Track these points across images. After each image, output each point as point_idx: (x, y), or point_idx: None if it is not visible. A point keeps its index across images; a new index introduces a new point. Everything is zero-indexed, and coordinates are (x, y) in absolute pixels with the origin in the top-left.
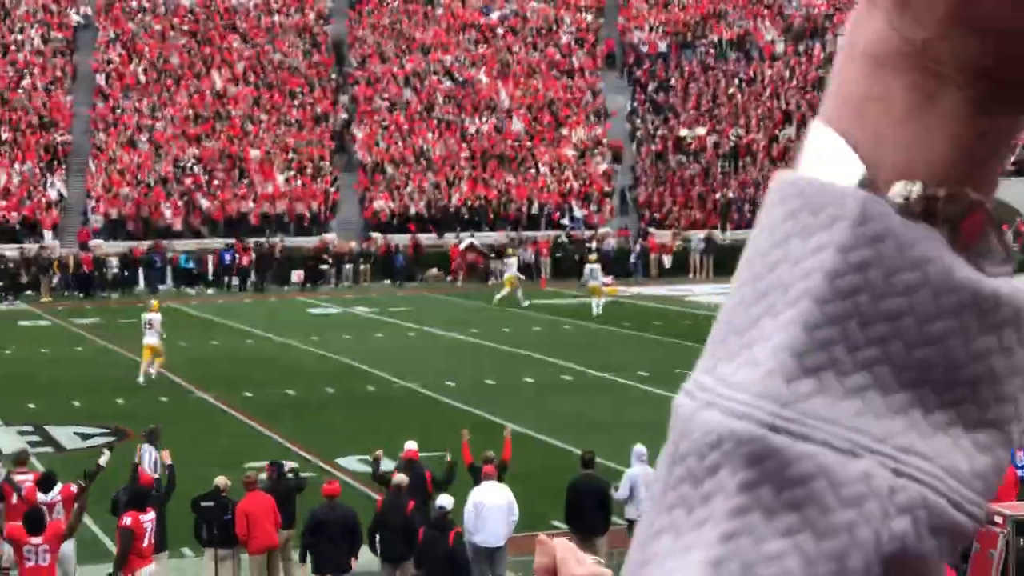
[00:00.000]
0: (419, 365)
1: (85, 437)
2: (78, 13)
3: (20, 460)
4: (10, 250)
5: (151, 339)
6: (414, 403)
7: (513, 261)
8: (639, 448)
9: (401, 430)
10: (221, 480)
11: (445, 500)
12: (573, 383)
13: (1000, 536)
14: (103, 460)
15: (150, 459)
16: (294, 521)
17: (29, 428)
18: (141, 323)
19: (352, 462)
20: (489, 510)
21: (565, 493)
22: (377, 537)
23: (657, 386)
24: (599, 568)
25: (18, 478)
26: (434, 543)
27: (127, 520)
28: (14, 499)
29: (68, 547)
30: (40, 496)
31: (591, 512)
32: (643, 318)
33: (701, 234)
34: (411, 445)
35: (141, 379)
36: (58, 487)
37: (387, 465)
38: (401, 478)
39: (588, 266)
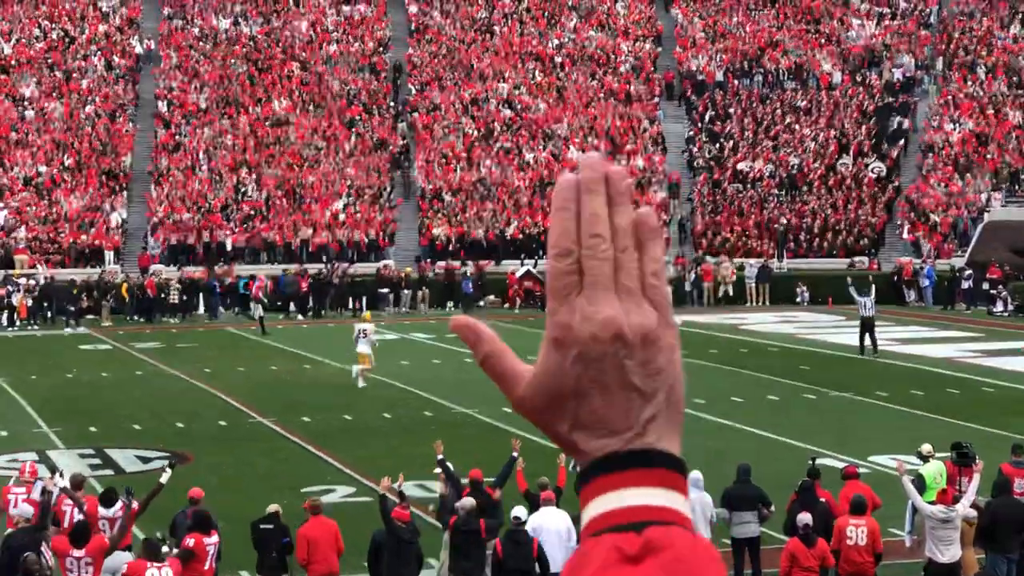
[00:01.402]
0: (476, 391)
1: (145, 460)
2: (141, 41)
3: (76, 483)
4: (73, 275)
5: (363, 348)
6: (471, 429)
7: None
8: (695, 474)
9: (458, 455)
10: (273, 507)
11: (519, 511)
12: None
13: None
14: (164, 478)
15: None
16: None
17: (90, 451)
18: (354, 333)
19: (410, 487)
20: (548, 534)
21: None
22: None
23: (713, 413)
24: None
25: (68, 503)
26: (516, 554)
27: (190, 541)
28: (69, 515)
29: (114, 562)
30: (102, 511)
31: None
32: (699, 346)
33: (754, 262)
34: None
35: (361, 383)
36: (119, 503)
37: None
38: (469, 502)
39: None
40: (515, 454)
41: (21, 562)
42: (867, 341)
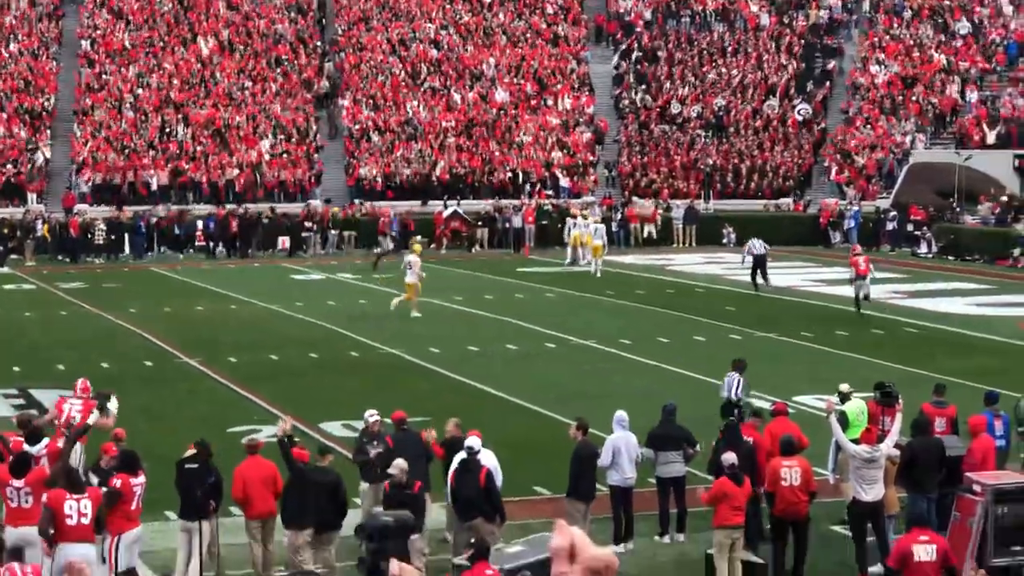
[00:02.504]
0: (403, 331)
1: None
2: None
3: (23, 422)
4: None
5: (410, 278)
6: (398, 369)
7: (601, 228)
8: (620, 414)
9: (385, 395)
10: (190, 449)
11: (473, 440)
12: (556, 350)
13: (979, 505)
14: (92, 419)
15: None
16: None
17: (13, 391)
18: (404, 264)
19: (336, 427)
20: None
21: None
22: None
23: (639, 354)
24: (612, 554)
25: (15, 439)
26: (467, 483)
27: (117, 482)
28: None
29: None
30: (27, 448)
31: (590, 477)
32: (625, 287)
33: (680, 203)
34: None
35: (415, 313)
36: (45, 441)
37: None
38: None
39: (594, 225)
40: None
41: None
42: (759, 279)
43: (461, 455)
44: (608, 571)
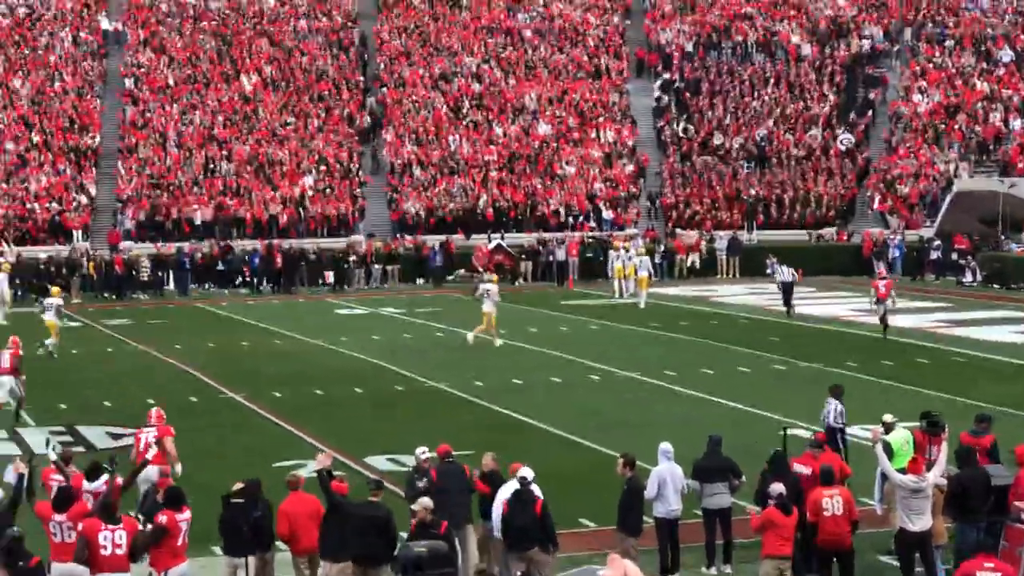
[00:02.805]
0: (447, 365)
1: (116, 437)
2: (108, 17)
3: (66, 458)
4: (42, 252)
5: (488, 307)
6: (443, 402)
7: (646, 260)
8: (665, 446)
9: (429, 428)
10: (238, 485)
11: (526, 471)
12: (600, 382)
13: None
14: (151, 454)
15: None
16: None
17: (60, 428)
18: (480, 292)
19: (381, 461)
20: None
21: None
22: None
23: (683, 385)
24: None
25: (58, 476)
26: (521, 513)
27: (163, 518)
28: (54, 488)
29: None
30: (86, 484)
31: (638, 511)
32: (669, 318)
33: (724, 234)
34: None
35: (498, 342)
36: (104, 477)
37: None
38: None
39: (637, 257)
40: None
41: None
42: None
43: (512, 485)
44: None
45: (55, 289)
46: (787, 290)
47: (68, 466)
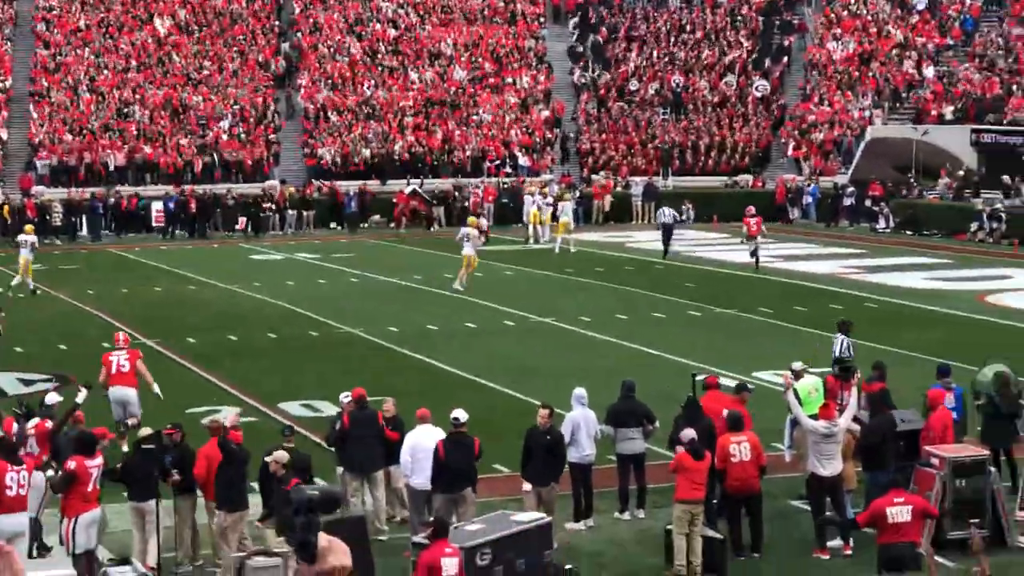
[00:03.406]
0: (360, 311)
1: (27, 383)
2: None
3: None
4: None
5: (468, 250)
6: (357, 348)
7: (569, 207)
8: (579, 391)
9: (344, 375)
10: (148, 430)
11: (459, 412)
12: (514, 328)
13: (937, 477)
14: (80, 398)
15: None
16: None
17: None
18: (461, 236)
19: (295, 407)
20: (426, 453)
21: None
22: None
23: (598, 331)
24: None
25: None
26: (460, 455)
27: (72, 464)
28: None
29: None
30: (15, 428)
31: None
32: (585, 264)
33: (640, 180)
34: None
35: (457, 285)
36: (34, 421)
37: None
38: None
39: (562, 204)
40: None
41: None
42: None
43: (427, 430)
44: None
45: (29, 227)
46: (667, 232)
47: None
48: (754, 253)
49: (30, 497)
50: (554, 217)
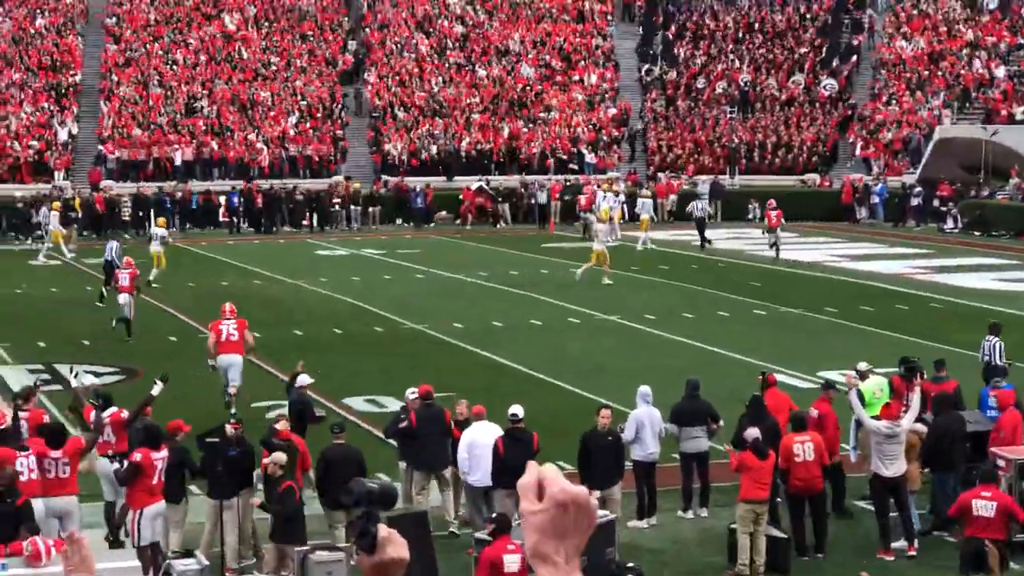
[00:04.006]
0: (425, 307)
1: (95, 376)
2: None
3: (26, 395)
4: (21, 190)
5: (598, 246)
6: (422, 344)
7: (648, 203)
8: (644, 389)
9: (408, 371)
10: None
11: (516, 408)
12: (580, 325)
13: (1003, 479)
14: (155, 391)
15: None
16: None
17: (39, 366)
18: (591, 229)
19: (359, 402)
20: (483, 449)
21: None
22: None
23: (664, 329)
24: (583, 490)
25: (23, 414)
26: (518, 451)
27: (137, 456)
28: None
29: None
30: (93, 416)
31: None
32: (650, 262)
33: (706, 179)
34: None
35: (580, 276)
36: (111, 410)
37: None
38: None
39: (641, 200)
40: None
41: None
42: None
43: (485, 426)
44: (575, 505)
45: (160, 220)
46: (700, 225)
47: (28, 403)
48: (774, 244)
49: (103, 484)
50: (632, 216)
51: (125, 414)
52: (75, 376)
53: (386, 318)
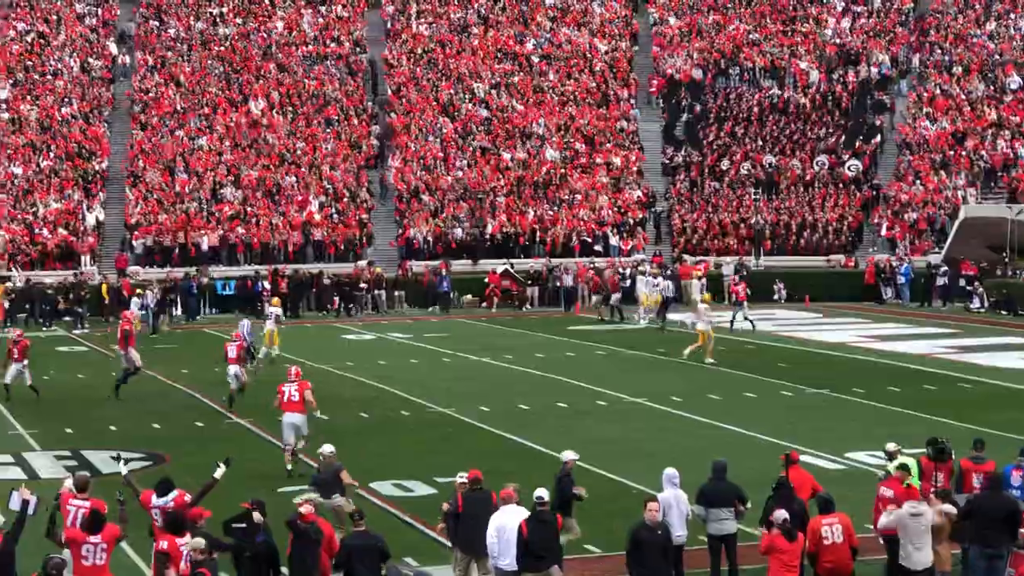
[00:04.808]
0: (452, 390)
1: (117, 460)
2: (117, 43)
3: (80, 486)
4: (49, 277)
5: (701, 326)
6: (448, 428)
7: (698, 284)
8: (671, 471)
9: (435, 455)
10: (247, 505)
11: (541, 492)
12: (607, 408)
13: None
14: (218, 473)
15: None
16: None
17: (66, 453)
18: (696, 310)
19: (387, 487)
20: (511, 533)
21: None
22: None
23: (690, 411)
24: None
25: (76, 502)
26: (544, 532)
27: (163, 543)
28: (73, 515)
29: None
30: (156, 500)
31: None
32: (676, 344)
33: (730, 259)
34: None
35: (710, 360)
36: (173, 493)
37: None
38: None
39: (694, 282)
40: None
41: (43, 564)
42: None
43: (513, 509)
44: None
45: (275, 299)
46: (665, 305)
47: (84, 493)
48: (746, 318)
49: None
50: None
51: (188, 497)
52: (123, 463)
53: (412, 401)
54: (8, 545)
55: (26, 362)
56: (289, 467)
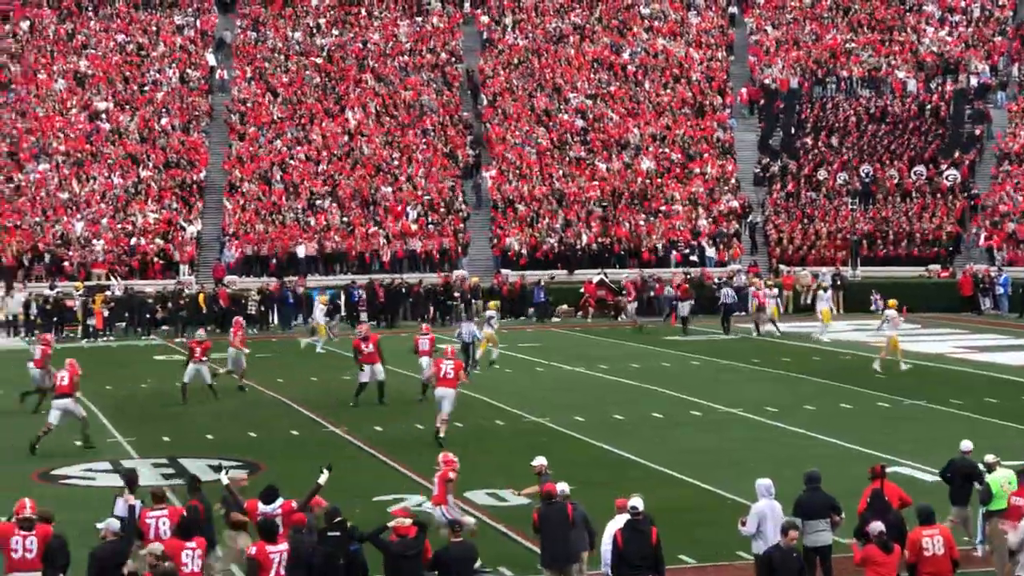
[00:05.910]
0: (546, 400)
1: (218, 470)
2: (215, 54)
3: (157, 497)
4: (148, 286)
5: (890, 331)
6: (543, 438)
7: (828, 294)
8: (765, 482)
9: (530, 464)
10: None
11: (636, 500)
12: (702, 419)
13: None
14: (322, 479)
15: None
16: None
17: (163, 460)
18: (883, 319)
19: (481, 496)
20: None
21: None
22: None
23: (785, 422)
24: None
25: (153, 514)
26: (639, 542)
27: (253, 550)
28: (154, 527)
29: None
30: (262, 507)
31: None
32: (771, 354)
33: (827, 270)
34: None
35: (904, 366)
36: (280, 500)
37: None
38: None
39: (820, 292)
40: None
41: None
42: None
43: (621, 517)
44: None
45: (492, 303)
46: (727, 311)
47: (162, 503)
48: (761, 325)
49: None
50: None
51: (294, 504)
52: (224, 472)
53: (507, 411)
54: (121, 546)
55: (206, 360)
56: (442, 435)
